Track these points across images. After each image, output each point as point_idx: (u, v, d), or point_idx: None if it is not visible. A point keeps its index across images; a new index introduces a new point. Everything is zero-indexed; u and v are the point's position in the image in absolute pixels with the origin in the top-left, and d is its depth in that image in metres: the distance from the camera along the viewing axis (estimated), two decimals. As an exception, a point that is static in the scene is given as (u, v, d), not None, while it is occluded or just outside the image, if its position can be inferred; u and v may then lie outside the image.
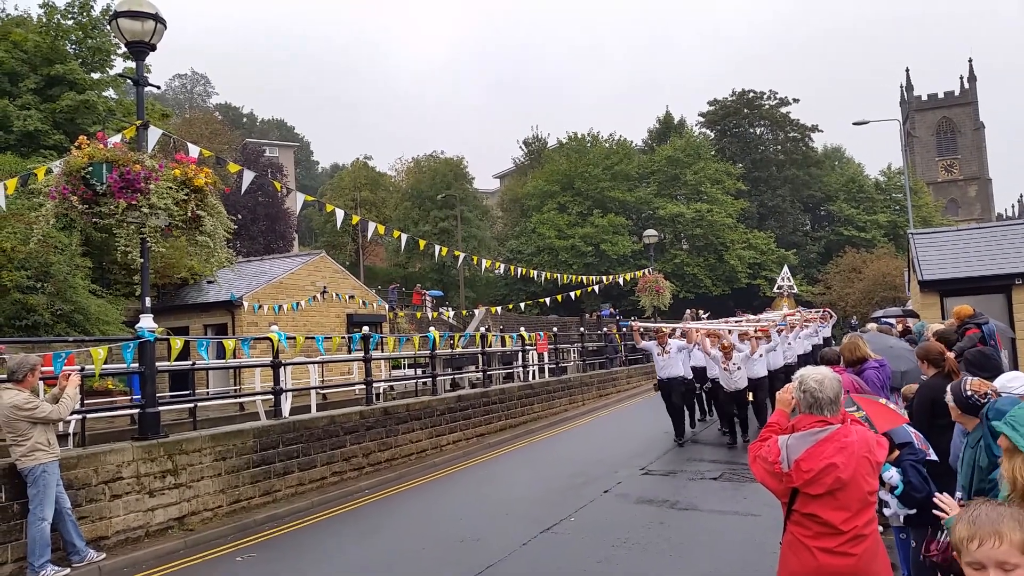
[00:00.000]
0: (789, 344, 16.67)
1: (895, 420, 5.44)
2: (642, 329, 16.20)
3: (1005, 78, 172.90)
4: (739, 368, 13.61)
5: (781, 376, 14.92)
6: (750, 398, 13.92)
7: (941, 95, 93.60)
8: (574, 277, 28.31)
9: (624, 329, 25.53)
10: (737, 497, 10.09)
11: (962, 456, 4.36)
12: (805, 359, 17.35)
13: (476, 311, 37.58)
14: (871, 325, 12.88)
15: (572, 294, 28.56)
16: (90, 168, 8.68)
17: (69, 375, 8.08)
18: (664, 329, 14.87)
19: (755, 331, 14.93)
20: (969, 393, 4.44)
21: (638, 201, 58.87)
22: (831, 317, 22.22)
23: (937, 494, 3.49)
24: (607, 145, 62.67)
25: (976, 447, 4.10)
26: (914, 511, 4.42)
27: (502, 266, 24.26)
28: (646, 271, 32.01)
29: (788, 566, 3.79)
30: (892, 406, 5.66)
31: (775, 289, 40.92)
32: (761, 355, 14.36)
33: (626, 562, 7.51)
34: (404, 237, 18.46)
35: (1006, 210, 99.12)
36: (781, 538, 3.90)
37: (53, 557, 7.54)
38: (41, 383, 10.12)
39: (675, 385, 14.51)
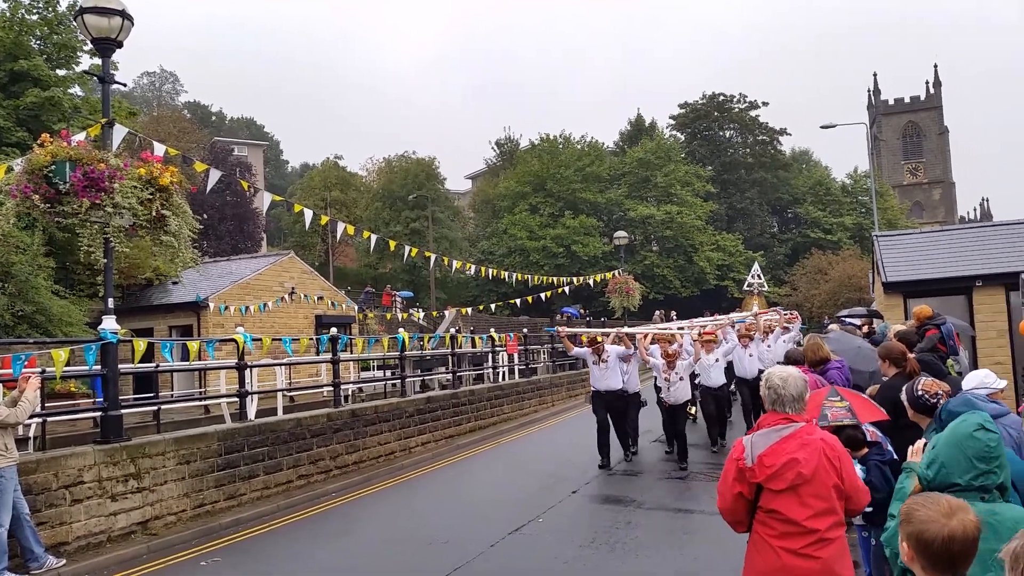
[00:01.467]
0: (769, 347, 14.94)
1: (876, 414, 5.51)
2: (566, 334, 13.57)
3: (969, 84, 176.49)
4: (681, 379, 12.01)
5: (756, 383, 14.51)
6: (692, 412, 12.47)
7: (907, 100, 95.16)
8: (545, 278, 28.41)
9: (552, 335, 21.98)
10: (704, 496, 10.16)
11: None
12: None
13: (446, 312, 37.51)
14: (833, 326, 13.05)
15: (543, 295, 28.64)
16: (53, 166, 8.54)
17: (29, 377, 7.94)
18: (598, 338, 12.78)
19: (700, 335, 13.28)
20: (920, 393, 4.53)
21: (609, 203, 59.15)
22: (796, 319, 21.28)
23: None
24: (579, 147, 62.87)
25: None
26: (871, 509, 4.49)
27: (473, 267, 24.27)
28: (616, 272, 32.21)
29: (753, 566, 3.80)
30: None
31: (745, 287, 40.98)
32: (718, 360, 13.14)
33: (593, 562, 7.54)
34: (374, 238, 18.38)
35: (968, 213, 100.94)
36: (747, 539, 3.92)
37: (10, 564, 7.40)
38: (0, 386, 9.93)
39: (611, 399, 12.46)
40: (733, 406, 16.31)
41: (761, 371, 14.23)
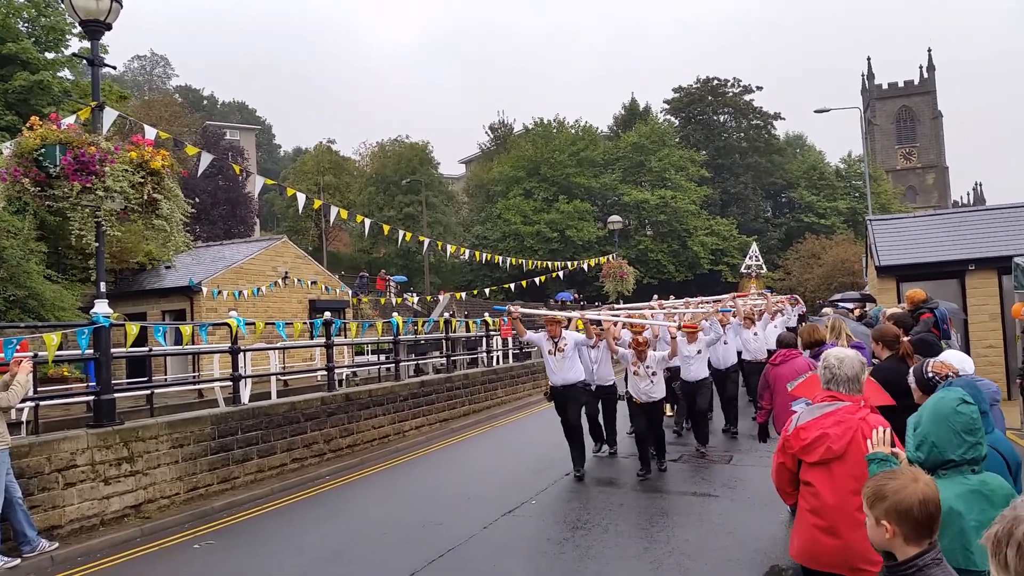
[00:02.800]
0: (756, 335, 13.69)
1: (882, 398, 5.48)
2: (522, 316, 10.87)
3: (963, 68, 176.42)
4: (654, 373, 10.18)
5: (733, 375, 13.32)
6: (668, 413, 10.80)
7: (901, 84, 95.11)
8: (539, 263, 28.39)
9: (502, 316, 18.62)
10: (696, 479, 10.21)
11: None
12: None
13: (441, 297, 37.51)
14: (827, 310, 13.07)
15: (537, 280, 28.62)
16: (43, 150, 8.47)
17: (20, 361, 7.91)
18: (559, 318, 10.74)
19: (679, 328, 11.32)
20: (931, 375, 4.49)
21: (603, 187, 59.09)
22: (797, 303, 19.36)
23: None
24: (573, 131, 62.71)
25: None
26: None
27: (467, 252, 24.21)
28: (610, 257, 32.18)
29: (794, 537, 3.96)
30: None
31: (743, 270, 40.65)
32: (700, 351, 11.59)
33: (586, 542, 7.57)
34: (368, 222, 18.31)
35: (962, 198, 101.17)
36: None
37: (3, 548, 7.41)
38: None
39: (572, 395, 10.57)
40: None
41: (744, 360, 13.46)
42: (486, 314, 21.65)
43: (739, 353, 13.68)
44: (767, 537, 7.52)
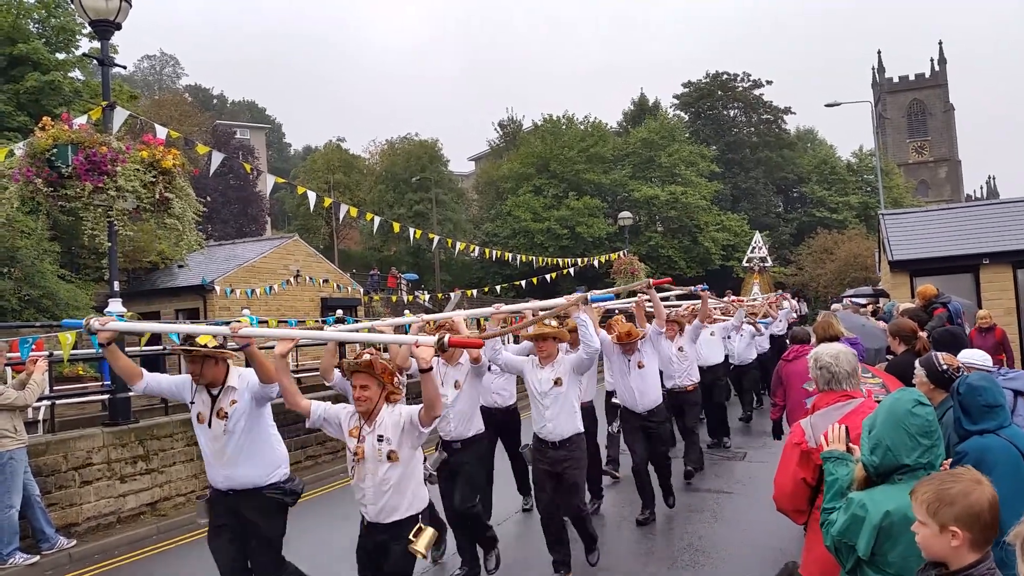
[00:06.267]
0: (680, 351, 9.78)
1: None
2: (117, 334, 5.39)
3: (975, 61, 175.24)
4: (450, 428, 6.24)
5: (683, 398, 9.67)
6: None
7: (912, 77, 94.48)
8: (550, 260, 28.40)
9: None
10: (709, 475, 10.18)
11: None
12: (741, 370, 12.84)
13: (452, 294, 37.51)
14: (836, 305, 13.03)
15: (548, 277, 28.61)
16: (55, 150, 8.52)
17: (36, 360, 7.96)
18: (210, 342, 5.10)
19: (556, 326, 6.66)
20: (944, 367, 4.41)
21: (613, 183, 58.92)
22: (794, 308, 15.73)
23: (834, 425, 3.29)
24: (582, 127, 62.52)
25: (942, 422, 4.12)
26: None
27: (477, 249, 24.20)
28: (621, 253, 32.13)
29: (815, 556, 3.58)
30: None
31: (744, 263, 39.85)
32: (559, 382, 6.48)
33: (601, 537, 7.54)
34: (378, 220, 18.33)
35: (975, 191, 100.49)
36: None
37: (22, 545, 7.46)
38: (9, 369, 9.96)
39: (251, 511, 5.24)
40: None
41: (679, 388, 9.71)
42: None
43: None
44: (782, 534, 7.48)
